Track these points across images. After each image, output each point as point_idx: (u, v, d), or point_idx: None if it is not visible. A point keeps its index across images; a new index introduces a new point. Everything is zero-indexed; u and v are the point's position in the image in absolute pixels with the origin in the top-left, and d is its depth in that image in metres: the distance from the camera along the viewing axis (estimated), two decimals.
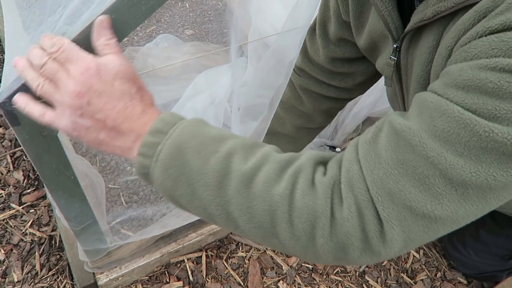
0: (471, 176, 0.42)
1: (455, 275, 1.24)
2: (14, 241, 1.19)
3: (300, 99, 0.98)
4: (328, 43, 0.85)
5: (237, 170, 0.50)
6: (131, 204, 1.20)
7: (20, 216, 1.24)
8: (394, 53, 0.63)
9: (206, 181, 0.50)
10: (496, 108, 0.40)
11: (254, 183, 0.49)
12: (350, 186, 0.47)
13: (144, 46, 1.59)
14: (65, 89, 0.53)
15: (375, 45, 0.71)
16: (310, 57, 0.92)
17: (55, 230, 1.21)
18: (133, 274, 1.08)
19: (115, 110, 0.53)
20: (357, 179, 0.47)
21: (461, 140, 0.42)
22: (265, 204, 0.49)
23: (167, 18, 1.82)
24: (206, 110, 1.28)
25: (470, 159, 0.41)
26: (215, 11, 1.88)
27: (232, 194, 0.50)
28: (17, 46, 0.70)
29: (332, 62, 0.88)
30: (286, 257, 1.21)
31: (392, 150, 0.46)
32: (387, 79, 0.70)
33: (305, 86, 0.96)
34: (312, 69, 0.92)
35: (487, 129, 0.40)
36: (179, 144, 0.51)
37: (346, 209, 0.47)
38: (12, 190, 1.30)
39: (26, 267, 1.14)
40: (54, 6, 0.72)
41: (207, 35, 1.76)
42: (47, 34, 0.56)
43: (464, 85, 0.42)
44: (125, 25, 0.63)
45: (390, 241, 0.46)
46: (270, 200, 0.49)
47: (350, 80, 0.91)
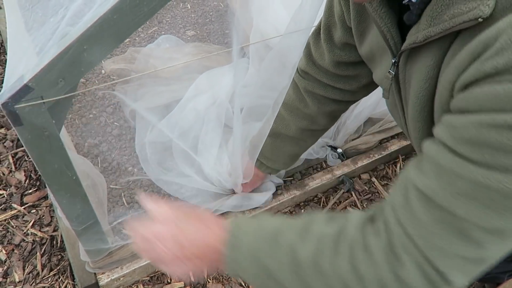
0: (502, 222, 0.46)
1: None
2: (16, 241, 1.19)
3: (305, 101, 0.99)
4: (333, 47, 0.87)
5: (303, 258, 0.58)
6: (132, 204, 1.20)
7: (21, 217, 1.25)
8: (393, 68, 0.65)
9: (284, 274, 0.60)
10: (506, 162, 0.43)
11: (320, 265, 0.57)
12: (404, 249, 0.53)
13: (146, 47, 1.60)
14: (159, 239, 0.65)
15: (374, 56, 0.73)
16: (314, 60, 0.93)
17: (57, 230, 1.22)
18: (134, 274, 1.08)
19: (195, 244, 0.65)
20: (408, 243, 0.52)
21: (483, 196, 0.46)
22: (340, 281, 0.56)
23: (168, 19, 1.83)
24: (207, 110, 1.28)
25: (496, 209, 0.46)
26: (216, 12, 1.88)
27: (308, 279, 0.59)
28: (20, 47, 0.70)
29: (337, 65, 0.89)
30: None
31: (429, 213, 0.50)
32: (384, 91, 0.72)
33: (309, 89, 0.97)
34: (317, 72, 0.94)
35: (503, 183, 0.43)
36: (251, 251, 0.62)
37: (408, 270, 0.52)
38: (14, 190, 1.30)
39: (27, 267, 1.14)
40: (56, 7, 0.72)
41: (208, 36, 1.76)
42: None
43: (471, 141, 0.45)
44: (127, 26, 0.63)
45: (454, 282, 0.52)
46: (341, 277, 0.56)
47: (354, 82, 0.93)
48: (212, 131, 1.24)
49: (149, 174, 1.21)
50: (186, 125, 1.26)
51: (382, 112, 1.46)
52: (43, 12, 0.71)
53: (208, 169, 1.18)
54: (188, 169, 1.20)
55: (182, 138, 1.23)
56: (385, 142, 1.47)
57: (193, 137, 1.25)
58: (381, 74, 0.71)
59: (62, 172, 0.75)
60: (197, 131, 1.26)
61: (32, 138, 0.69)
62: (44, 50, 0.67)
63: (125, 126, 1.39)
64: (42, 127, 0.68)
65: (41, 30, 0.67)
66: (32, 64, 0.64)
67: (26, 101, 0.63)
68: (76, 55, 0.62)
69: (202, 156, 1.20)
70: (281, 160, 1.11)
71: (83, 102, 1.45)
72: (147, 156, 1.22)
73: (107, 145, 1.33)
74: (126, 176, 1.25)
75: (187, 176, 1.20)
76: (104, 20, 0.61)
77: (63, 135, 0.74)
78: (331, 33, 0.85)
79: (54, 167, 0.74)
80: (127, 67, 1.54)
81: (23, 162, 1.38)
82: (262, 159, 1.11)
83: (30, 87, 0.62)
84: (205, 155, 1.20)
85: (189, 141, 1.23)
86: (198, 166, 1.21)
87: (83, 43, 0.62)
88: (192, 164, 1.21)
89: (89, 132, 1.36)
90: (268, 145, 1.06)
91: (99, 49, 0.64)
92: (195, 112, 1.29)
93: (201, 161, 1.19)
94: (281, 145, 1.07)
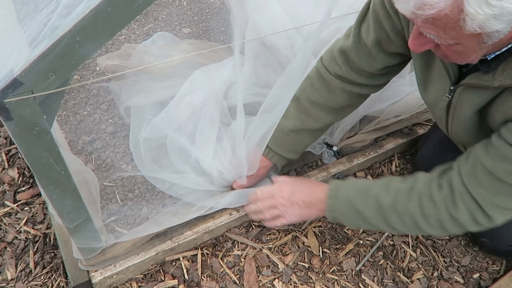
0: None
1: (452, 274, 1.24)
2: (8, 239, 1.18)
3: (337, 99, 1.10)
4: (385, 57, 1.01)
5: (384, 203, 0.95)
6: (126, 202, 1.19)
7: (14, 214, 1.23)
8: (450, 92, 0.90)
9: (371, 215, 0.97)
10: None
11: (396, 207, 0.94)
12: (462, 200, 0.87)
13: (141, 44, 1.58)
14: (280, 204, 1.08)
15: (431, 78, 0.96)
16: (356, 67, 1.04)
17: (50, 228, 1.21)
18: (127, 272, 1.07)
19: (304, 196, 1.07)
20: (466, 197, 0.86)
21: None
22: (410, 218, 0.93)
23: (164, 16, 1.82)
24: (202, 105, 1.27)
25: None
26: (212, 10, 1.88)
27: (388, 217, 0.96)
28: (10, 39, 0.69)
29: (383, 69, 1.04)
30: (282, 255, 1.20)
31: (489, 181, 0.82)
32: (439, 110, 0.97)
33: (348, 89, 1.08)
34: (357, 77, 1.06)
35: None
36: (347, 199, 1.01)
37: (460, 212, 0.87)
38: (7, 187, 1.29)
39: (20, 265, 1.13)
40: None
41: (204, 33, 1.75)
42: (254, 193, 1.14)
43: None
44: (120, 18, 0.62)
45: (495, 221, 0.86)
46: (411, 215, 0.93)
47: (387, 78, 1.10)
48: (208, 125, 1.23)
49: (143, 172, 1.20)
50: (181, 119, 1.25)
51: (377, 111, 1.46)
52: (35, 3, 0.70)
53: (208, 162, 1.17)
54: (183, 166, 1.19)
55: (178, 133, 1.23)
56: (381, 140, 1.47)
57: (189, 132, 1.24)
58: (435, 95, 0.96)
59: (51, 166, 0.74)
60: (193, 125, 1.25)
61: (22, 133, 0.68)
62: (35, 42, 0.66)
63: (120, 123, 1.38)
64: (33, 122, 0.67)
65: (33, 21, 0.66)
66: (23, 57, 0.63)
67: (15, 95, 0.62)
68: (68, 49, 0.61)
69: (200, 150, 1.20)
70: (299, 151, 1.20)
71: (77, 99, 1.44)
72: (141, 154, 1.21)
73: (101, 142, 1.32)
74: (118, 172, 1.24)
75: (181, 173, 1.19)
76: (97, 12, 0.60)
77: (55, 131, 0.73)
78: (381, 45, 0.98)
79: (43, 161, 0.73)
80: (122, 63, 1.53)
81: (17, 159, 1.37)
82: (280, 151, 1.15)
83: (20, 81, 0.61)
84: (203, 149, 1.19)
85: (185, 136, 1.23)
86: (193, 162, 1.20)
87: (75, 36, 0.61)
88: (187, 161, 1.20)
89: (83, 129, 1.35)
90: (291, 139, 1.14)
91: (92, 42, 0.63)
92: (190, 106, 1.28)
93: (198, 154, 1.18)
94: (303, 138, 1.16)
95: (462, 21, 0.61)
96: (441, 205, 0.89)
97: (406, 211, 0.93)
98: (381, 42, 0.97)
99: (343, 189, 1.02)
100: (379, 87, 1.13)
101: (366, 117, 1.46)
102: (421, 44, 0.75)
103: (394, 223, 0.95)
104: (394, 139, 1.47)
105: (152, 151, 1.23)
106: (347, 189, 1.01)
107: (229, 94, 1.33)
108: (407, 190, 0.94)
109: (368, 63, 1.02)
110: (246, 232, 1.24)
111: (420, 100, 1.48)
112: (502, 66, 0.75)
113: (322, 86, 1.09)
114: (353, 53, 1.02)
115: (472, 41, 0.67)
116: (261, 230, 1.25)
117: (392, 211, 0.94)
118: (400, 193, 0.94)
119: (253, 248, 1.20)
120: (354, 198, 0.99)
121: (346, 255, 1.23)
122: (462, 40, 0.67)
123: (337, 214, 1.02)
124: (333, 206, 1.01)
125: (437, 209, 0.89)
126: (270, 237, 1.24)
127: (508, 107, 0.78)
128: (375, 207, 0.96)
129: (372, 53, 1.00)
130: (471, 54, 0.72)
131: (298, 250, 1.22)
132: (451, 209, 0.87)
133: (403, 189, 0.94)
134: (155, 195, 1.21)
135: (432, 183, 0.92)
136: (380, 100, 1.45)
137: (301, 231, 1.26)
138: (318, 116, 1.11)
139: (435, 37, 0.69)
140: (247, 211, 1.16)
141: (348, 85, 1.08)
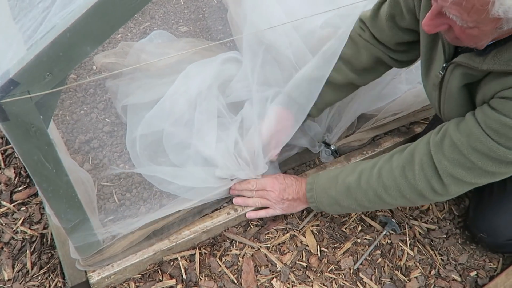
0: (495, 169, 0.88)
1: (449, 272, 1.24)
2: (5, 239, 1.17)
3: (360, 58, 1.15)
4: (398, 31, 1.06)
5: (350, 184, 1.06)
6: (124, 201, 1.18)
7: (11, 214, 1.23)
8: (443, 69, 0.95)
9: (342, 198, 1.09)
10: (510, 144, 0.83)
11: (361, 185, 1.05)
12: (421, 167, 0.96)
13: (138, 42, 1.58)
14: (272, 197, 1.17)
15: (431, 57, 1.01)
16: (374, 36, 1.11)
17: (47, 228, 1.20)
18: (125, 272, 1.07)
19: (293, 192, 1.17)
20: (427, 164, 0.95)
21: (491, 155, 0.85)
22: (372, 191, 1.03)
23: (161, 14, 1.81)
24: (199, 98, 1.27)
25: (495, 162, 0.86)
26: (209, 8, 1.87)
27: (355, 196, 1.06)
28: (4, 36, 0.68)
29: (397, 45, 1.10)
30: (280, 254, 1.20)
31: (452, 153, 0.90)
32: (433, 86, 1.02)
33: (369, 49, 1.14)
34: (377, 44, 1.13)
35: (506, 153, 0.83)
36: (321, 188, 1.13)
37: (418, 179, 0.96)
38: (3, 187, 1.28)
39: (17, 266, 1.13)
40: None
41: (201, 32, 1.75)
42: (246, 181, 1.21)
43: (496, 131, 0.82)
44: (117, 18, 0.62)
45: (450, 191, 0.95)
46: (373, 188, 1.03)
47: (406, 56, 1.15)
48: (206, 116, 1.23)
49: (140, 170, 1.20)
50: (177, 112, 1.25)
51: (375, 110, 1.46)
52: (30, 0, 0.69)
53: (211, 151, 1.18)
54: (181, 159, 1.19)
55: (175, 126, 1.23)
56: (379, 139, 1.47)
57: (185, 123, 1.24)
58: (434, 74, 0.99)
59: (48, 167, 0.74)
60: (190, 116, 1.25)
61: (19, 134, 0.67)
62: (31, 40, 0.66)
63: (117, 123, 1.37)
64: (29, 122, 0.66)
65: (28, 18, 0.65)
66: (19, 56, 0.62)
67: (12, 95, 0.61)
68: (64, 48, 0.61)
69: (201, 140, 1.20)
70: (320, 107, 1.22)
71: (74, 98, 1.43)
72: (138, 152, 1.21)
73: (98, 141, 1.32)
74: (111, 170, 1.23)
75: (179, 169, 1.19)
76: (94, 12, 0.59)
77: (51, 131, 0.73)
78: (395, 20, 1.05)
79: (40, 162, 0.72)
80: (118, 61, 1.52)
81: (13, 159, 1.36)
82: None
83: (16, 81, 0.60)
84: (203, 139, 1.20)
85: (181, 128, 1.23)
86: (193, 155, 1.20)
87: (72, 35, 0.60)
88: (185, 154, 1.20)
89: (80, 129, 1.34)
90: None
91: (89, 42, 0.62)
92: (186, 97, 1.27)
93: (199, 146, 1.19)
94: (326, 93, 1.17)
95: (491, 5, 0.63)
96: (400, 174, 0.98)
97: (369, 185, 1.03)
98: (395, 17, 1.04)
99: (318, 181, 1.14)
100: (399, 63, 1.17)
101: (363, 116, 1.46)
102: (436, 25, 0.77)
103: (361, 200, 1.05)
104: (391, 137, 1.48)
105: (148, 148, 1.23)
106: (321, 180, 1.13)
107: (227, 91, 1.33)
108: (369, 167, 1.05)
109: (382, 37, 1.10)
110: (244, 231, 1.24)
111: (417, 98, 1.49)
112: (495, 51, 0.78)
113: (349, 41, 1.12)
114: (370, 24, 1.11)
115: (490, 26, 0.69)
116: (259, 229, 1.25)
117: (358, 189, 1.04)
118: (363, 171, 1.05)
119: (251, 247, 1.20)
120: (327, 187, 1.11)
121: (344, 253, 1.23)
122: (481, 24, 0.69)
123: (318, 204, 1.14)
124: (313, 197, 1.14)
125: (395, 178, 0.99)
126: (268, 236, 1.24)
127: (488, 88, 0.83)
128: (344, 190, 1.07)
129: (386, 28, 1.07)
130: (484, 39, 0.74)
131: (296, 249, 1.22)
132: (410, 176, 0.97)
133: (367, 167, 1.05)
134: (153, 195, 1.21)
135: (393, 156, 1.03)
136: (377, 99, 1.45)
137: (299, 230, 1.26)
138: (341, 69, 1.15)
139: (457, 18, 0.70)
140: (235, 189, 1.20)
141: (370, 46, 1.13)
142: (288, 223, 1.26)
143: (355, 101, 1.37)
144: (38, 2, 0.66)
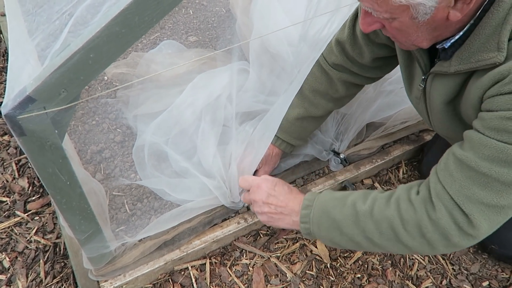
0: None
1: (461, 282, 1.23)
2: (19, 249, 1.19)
3: (336, 88, 1.17)
4: (373, 48, 1.06)
5: (361, 210, 0.89)
6: (135, 211, 1.20)
7: (25, 224, 1.25)
8: (423, 82, 0.94)
9: (347, 223, 0.90)
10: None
11: (373, 214, 0.87)
12: (438, 198, 0.81)
13: (148, 52, 1.60)
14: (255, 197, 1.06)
15: (410, 73, 1.01)
16: (351, 57, 1.11)
17: (60, 237, 1.22)
18: (137, 281, 1.08)
19: (280, 202, 1.01)
20: (442, 193, 0.81)
21: (500, 158, 0.73)
22: (387, 224, 0.85)
23: (171, 25, 1.83)
24: (205, 109, 1.29)
25: (507, 164, 0.73)
26: (218, 18, 1.89)
27: (364, 225, 0.88)
28: (22, 50, 0.70)
29: (373, 61, 1.10)
30: (290, 264, 1.20)
31: (461, 171, 0.78)
32: (415, 98, 1.01)
33: (344, 78, 1.15)
34: (351, 66, 1.13)
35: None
36: (323, 208, 0.95)
37: (438, 212, 0.80)
38: (17, 197, 1.30)
39: (30, 275, 1.14)
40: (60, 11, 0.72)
41: (210, 42, 1.77)
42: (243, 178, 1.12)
43: (495, 128, 0.73)
44: (132, 38, 0.63)
45: (478, 226, 0.77)
46: (388, 220, 0.85)
47: (379, 72, 1.16)
48: (210, 128, 1.25)
49: (143, 179, 1.22)
50: (184, 123, 1.27)
51: (383, 118, 1.46)
52: (48, 15, 0.71)
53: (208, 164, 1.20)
54: (184, 165, 1.21)
55: (180, 136, 1.26)
56: (388, 147, 1.47)
57: (191, 135, 1.26)
58: (416, 89, 0.98)
59: (64, 181, 0.75)
60: (196, 128, 1.27)
61: (34, 148, 0.69)
62: (46, 55, 0.67)
63: (128, 133, 1.39)
64: (45, 137, 0.68)
65: (46, 33, 0.67)
66: (35, 73, 0.64)
67: (28, 111, 0.63)
68: (79, 66, 0.62)
69: (202, 153, 1.22)
70: (304, 137, 1.29)
71: (85, 109, 1.46)
72: (145, 160, 1.23)
73: (109, 151, 1.33)
74: (125, 180, 1.25)
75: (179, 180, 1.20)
76: (108, 32, 0.61)
77: (65, 143, 0.74)
78: (369, 35, 1.04)
79: (56, 176, 0.74)
80: (129, 71, 1.54)
81: (27, 169, 1.38)
82: (287, 139, 1.23)
83: (33, 98, 0.62)
84: (204, 152, 1.22)
85: (187, 139, 1.26)
86: (196, 164, 1.21)
87: (86, 54, 0.62)
88: (189, 164, 1.22)
89: (91, 139, 1.36)
90: (297, 127, 1.22)
91: (102, 60, 0.64)
92: (193, 108, 1.29)
93: (201, 156, 1.21)
94: (308, 125, 1.24)
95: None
96: (420, 207, 0.82)
97: (383, 216, 0.85)
98: (369, 34, 1.03)
99: (320, 198, 0.96)
100: (372, 79, 1.20)
101: (372, 124, 1.46)
102: (369, 23, 0.79)
103: (371, 232, 0.87)
104: (401, 145, 1.47)
105: (152, 157, 1.25)
106: (324, 198, 0.96)
107: (236, 100, 1.34)
108: (386, 197, 0.89)
109: (360, 54, 1.09)
110: (254, 241, 1.24)
111: None
112: (457, 52, 0.80)
113: (322, 75, 1.16)
114: (348, 44, 1.09)
115: (404, 16, 0.72)
116: (269, 238, 1.25)
117: (369, 217, 0.87)
118: (378, 199, 0.89)
119: (261, 257, 1.21)
120: (330, 207, 0.93)
121: (354, 263, 1.23)
122: (395, 14, 0.72)
123: (311, 226, 0.95)
124: (308, 217, 0.95)
125: (416, 211, 0.82)
126: (278, 245, 1.24)
127: (473, 97, 0.80)
128: (351, 215, 0.89)
129: (362, 45, 1.06)
130: (411, 32, 0.76)
131: (306, 258, 1.22)
132: (430, 209, 0.81)
133: (382, 196, 0.89)
134: (163, 205, 1.22)
135: (411, 189, 0.87)
136: (386, 107, 1.45)
137: (309, 240, 1.26)
138: (319, 103, 1.19)
139: (371, 10, 0.73)
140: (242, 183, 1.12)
141: (344, 74, 1.14)
142: (298, 232, 1.26)
143: (363, 110, 1.38)
144: (54, 20, 0.68)
